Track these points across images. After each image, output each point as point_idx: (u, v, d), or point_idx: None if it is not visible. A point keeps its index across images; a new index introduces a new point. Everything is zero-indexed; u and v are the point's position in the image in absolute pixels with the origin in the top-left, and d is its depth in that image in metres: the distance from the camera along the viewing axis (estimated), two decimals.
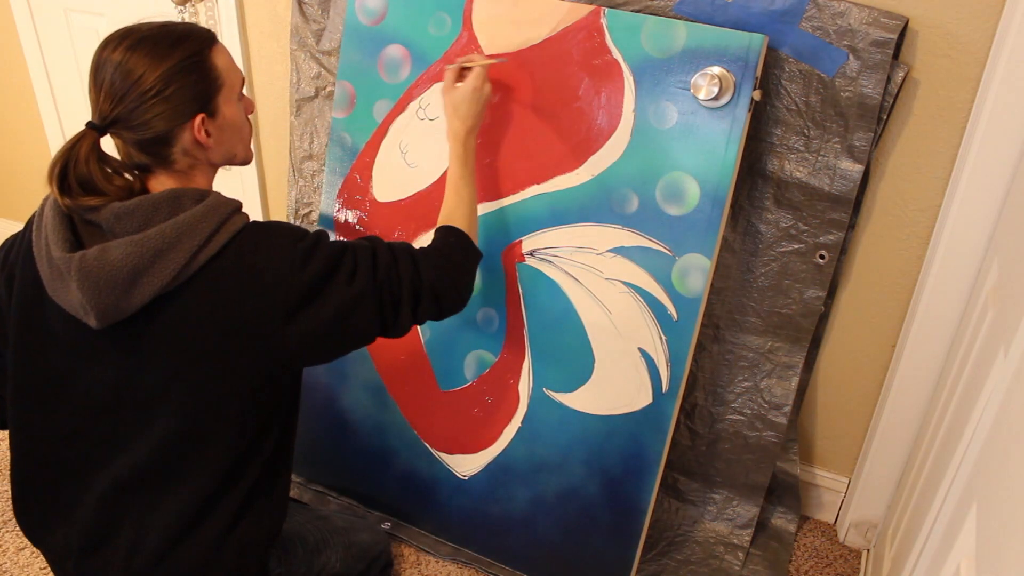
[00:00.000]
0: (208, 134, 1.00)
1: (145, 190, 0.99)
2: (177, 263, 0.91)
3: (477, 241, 1.22)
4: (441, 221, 1.21)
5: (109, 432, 1.00)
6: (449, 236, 1.17)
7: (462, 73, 1.28)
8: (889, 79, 1.26)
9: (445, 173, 1.44)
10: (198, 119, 0.98)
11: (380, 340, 1.09)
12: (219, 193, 1.00)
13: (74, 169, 0.93)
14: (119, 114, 0.94)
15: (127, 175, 0.99)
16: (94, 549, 1.03)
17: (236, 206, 0.99)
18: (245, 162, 1.11)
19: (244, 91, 1.16)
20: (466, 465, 1.52)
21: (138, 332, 0.95)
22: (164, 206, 0.93)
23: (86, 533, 1.03)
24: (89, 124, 0.96)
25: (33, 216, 1.00)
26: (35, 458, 1.05)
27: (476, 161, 1.38)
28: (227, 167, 1.09)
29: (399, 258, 1.08)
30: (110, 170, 0.96)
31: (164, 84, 0.94)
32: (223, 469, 1.01)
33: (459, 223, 1.20)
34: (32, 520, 1.09)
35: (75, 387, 1.00)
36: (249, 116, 1.10)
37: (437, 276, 1.10)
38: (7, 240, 1.07)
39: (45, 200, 0.98)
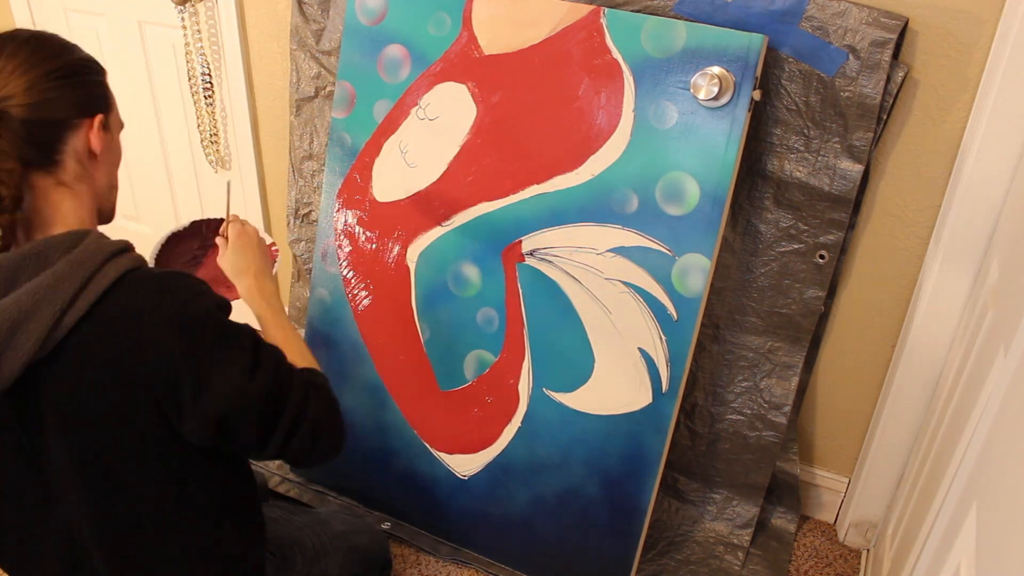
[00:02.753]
0: (102, 145, 0.92)
1: (19, 202, 0.87)
2: (39, 333, 0.81)
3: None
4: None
5: (39, 496, 0.93)
6: (318, 378, 1.03)
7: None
8: (889, 79, 1.26)
9: (445, 172, 1.44)
10: (97, 119, 0.92)
11: (380, 340, 1.07)
12: (98, 235, 0.88)
13: None
14: (15, 89, 0.84)
15: (4, 177, 0.85)
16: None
17: (112, 251, 0.86)
18: (111, 214, 1.00)
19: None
20: (466, 465, 1.52)
21: (24, 402, 0.86)
22: (29, 263, 0.83)
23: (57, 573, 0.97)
24: None
25: None
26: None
27: (475, 161, 1.38)
28: (100, 212, 0.98)
29: (294, 379, 0.96)
30: None
31: (73, 70, 0.89)
32: (167, 519, 0.94)
33: (314, 366, 1.07)
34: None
35: None
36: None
37: (321, 412, 0.98)
38: None
39: None
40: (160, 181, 2.16)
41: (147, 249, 1.20)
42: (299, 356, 1.06)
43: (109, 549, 0.94)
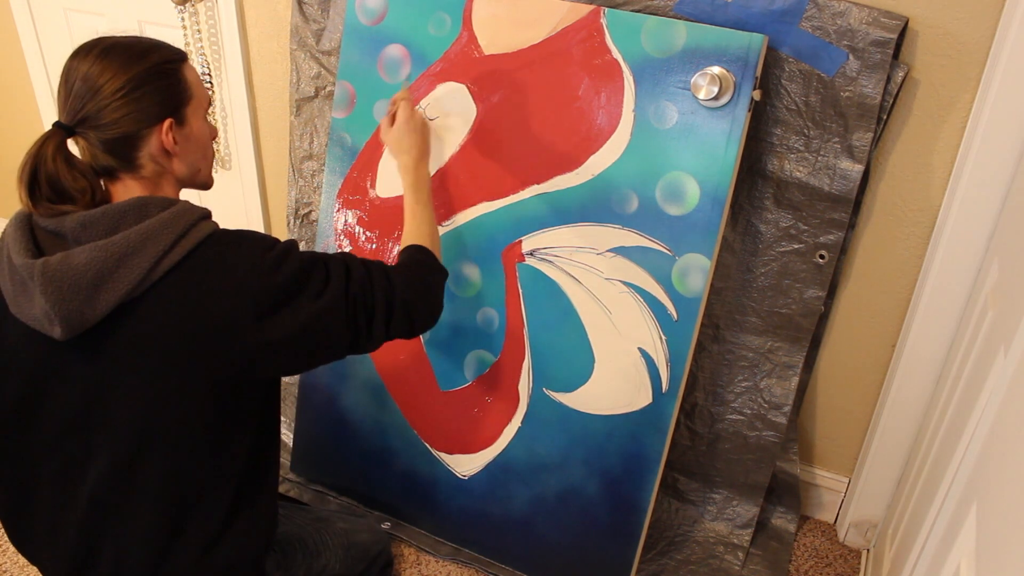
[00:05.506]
0: (175, 141, 0.99)
1: (109, 199, 0.98)
2: (141, 268, 0.90)
3: (441, 259, 1.22)
4: (404, 243, 1.21)
5: (80, 450, 0.98)
6: (417, 254, 1.17)
7: (393, 116, 1.34)
8: (889, 79, 1.26)
9: (445, 172, 1.44)
10: (166, 124, 0.98)
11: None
12: (187, 201, 0.99)
13: (43, 168, 0.92)
14: (88, 112, 0.93)
15: (92, 180, 0.97)
16: (79, 573, 1.02)
17: (204, 213, 0.98)
18: (207, 184, 1.10)
19: (211, 116, 1.16)
20: (466, 465, 1.52)
21: (103, 343, 0.93)
22: (131, 213, 0.93)
23: (70, 557, 1.02)
24: (56, 124, 0.95)
25: None
26: (13, 482, 1.04)
27: (475, 161, 1.38)
28: (191, 187, 1.08)
29: (372, 273, 1.07)
30: (77, 172, 0.95)
31: (135, 85, 0.95)
32: (196, 480, 0.99)
33: (423, 243, 1.21)
34: (20, 540, 1.07)
35: (42, 408, 0.98)
36: (213, 142, 1.10)
37: (410, 292, 1.09)
38: None
39: (9, 221, 0.96)
40: None
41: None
42: (429, 239, 1.22)
43: (144, 500, 0.99)
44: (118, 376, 0.94)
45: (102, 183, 0.99)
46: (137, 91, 0.95)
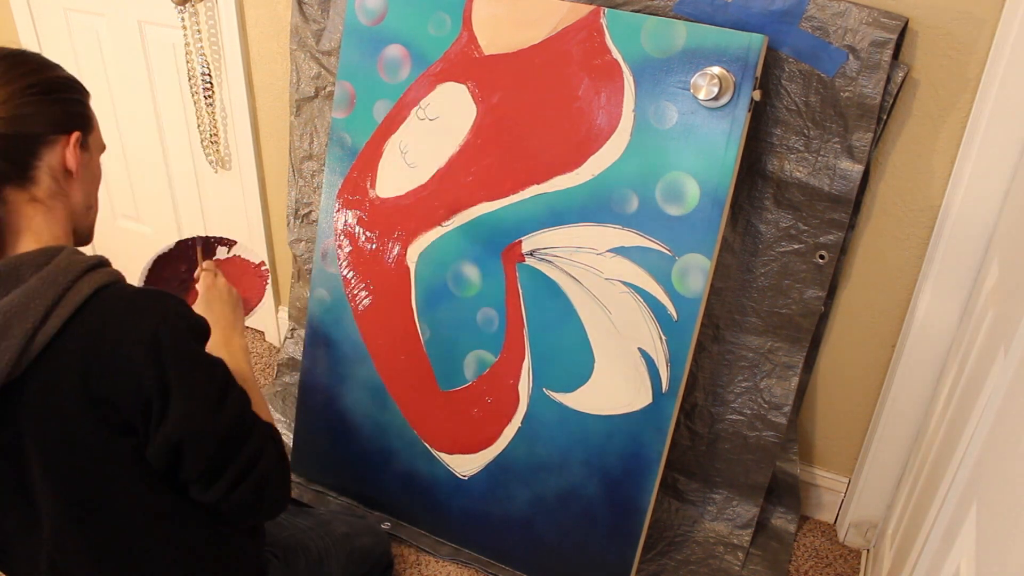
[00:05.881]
0: (77, 161, 0.91)
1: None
2: (11, 352, 0.79)
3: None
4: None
5: (27, 514, 0.91)
6: (274, 431, 1.02)
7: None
8: (889, 79, 1.26)
9: (445, 173, 1.44)
10: (74, 136, 0.90)
11: (380, 340, 1.07)
12: (71, 251, 0.86)
13: None
14: None
15: None
16: None
17: (85, 267, 0.84)
18: (90, 232, 0.99)
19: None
20: (466, 465, 1.52)
21: (1, 418, 0.85)
22: (0, 282, 0.82)
23: None
24: None
25: None
26: None
27: (475, 162, 1.38)
28: (79, 230, 0.97)
29: (255, 429, 0.94)
30: None
31: (49, 88, 0.88)
32: (156, 556, 0.93)
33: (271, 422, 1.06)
34: None
35: None
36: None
37: (274, 466, 0.96)
38: None
39: None
40: (160, 181, 2.16)
41: (149, 250, 1.19)
42: (262, 410, 1.04)
43: (99, 567, 0.93)
44: (31, 453, 0.86)
45: None
46: (51, 95, 0.88)
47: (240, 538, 1.03)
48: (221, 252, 1.38)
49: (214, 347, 1.13)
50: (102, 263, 0.87)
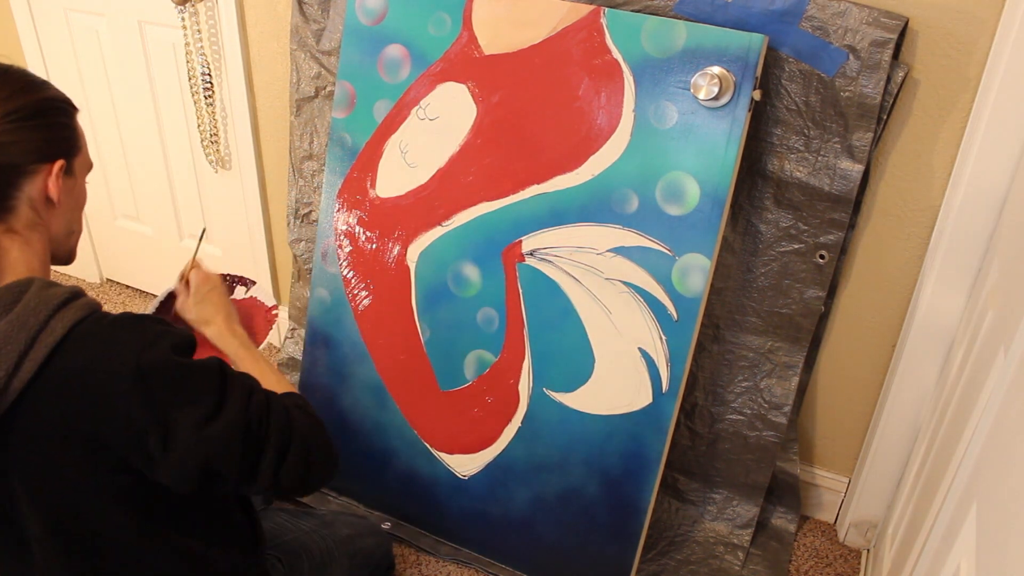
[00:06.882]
0: (60, 190, 0.87)
1: None
2: None
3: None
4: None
5: (13, 537, 0.89)
6: (298, 398, 1.01)
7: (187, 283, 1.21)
8: (889, 79, 1.26)
9: (445, 172, 1.44)
10: (57, 165, 0.86)
11: (380, 340, 1.07)
12: (40, 286, 0.81)
13: None
14: None
15: None
16: None
17: (57, 303, 0.79)
18: (71, 254, 0.95)
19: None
20: (466, 465, 1.52)
21: None
22: None
23: None
24: None
25: None
26: None
27: (475, 161, 1.38)
28: (57, 253, 0.94)
29: (272, 403, 0.91)
30: None
31: (31, 113, 0.83)
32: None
33: (295, 391, 1.05)
34: None
35: None
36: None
37: (309, 429, 0.95)
38: None
39: None
40: (160, 181, 2.16)
41: (149, 250, 1.18)
42: (277, 386, 1.02)
43: None
44: (20, 500, 0.84)
45: None
46: (32, 120, 0.83)
47: (234, 557, 1.00)
48: (239, 292, 1.37)
49: (220, 336, 1.15)
50: (75, 295, 0.82)
